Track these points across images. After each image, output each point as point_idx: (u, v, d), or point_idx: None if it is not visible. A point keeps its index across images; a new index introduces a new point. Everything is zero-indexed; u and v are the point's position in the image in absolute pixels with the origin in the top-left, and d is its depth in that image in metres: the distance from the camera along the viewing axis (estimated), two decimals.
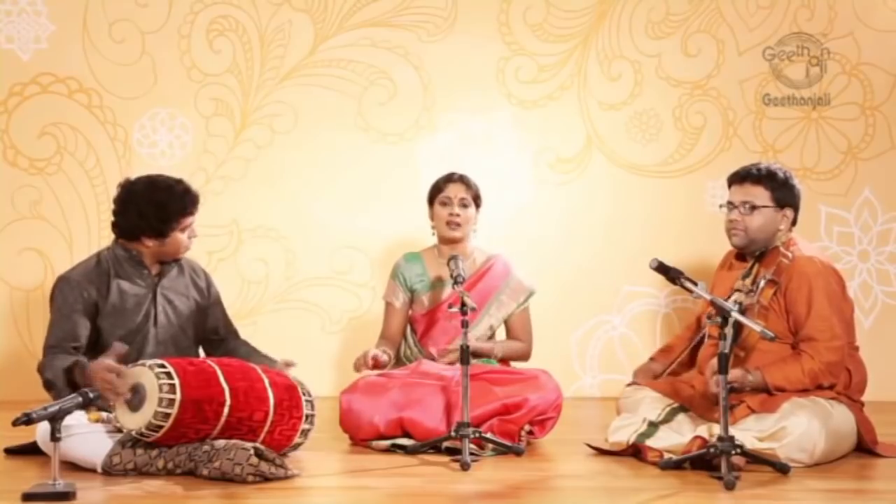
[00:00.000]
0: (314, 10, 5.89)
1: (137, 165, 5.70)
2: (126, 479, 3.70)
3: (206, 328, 4.40)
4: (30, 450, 4.11)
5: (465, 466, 3.87)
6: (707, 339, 4.26)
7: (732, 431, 3.70)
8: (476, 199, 4.71)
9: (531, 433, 4.34)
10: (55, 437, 3.45)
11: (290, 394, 3.99)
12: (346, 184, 5.90)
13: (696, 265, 4.94)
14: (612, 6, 5.94)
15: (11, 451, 4.20)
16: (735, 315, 3.78)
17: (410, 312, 4.78)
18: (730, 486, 3.55)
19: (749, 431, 3.87)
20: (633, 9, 5.94)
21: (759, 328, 3.77)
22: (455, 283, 4.33)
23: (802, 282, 4.07)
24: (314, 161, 5.90)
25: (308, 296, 5.90)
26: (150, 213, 4.11)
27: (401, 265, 4.79)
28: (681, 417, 4.14)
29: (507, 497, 3.62)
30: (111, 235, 4.31)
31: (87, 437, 3.81)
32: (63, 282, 4.15)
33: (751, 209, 4.15)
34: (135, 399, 3.72)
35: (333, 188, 5.90)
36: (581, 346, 5.94)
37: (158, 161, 5.75)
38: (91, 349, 4.10)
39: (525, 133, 5.95)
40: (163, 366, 3.73)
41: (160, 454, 3.75)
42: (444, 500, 3.55)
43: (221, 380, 3.80)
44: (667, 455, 3.93)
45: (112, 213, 4.22)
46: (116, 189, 4.22)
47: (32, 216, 5.80)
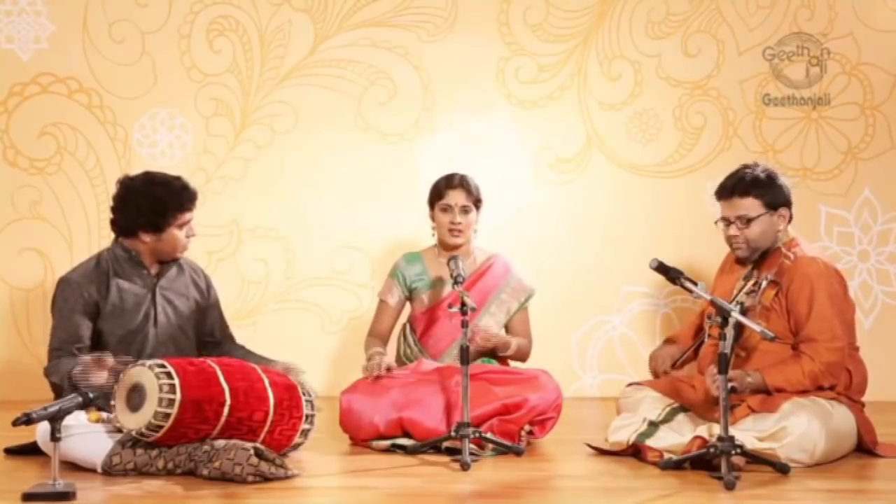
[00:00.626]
0: (314, 10, 5.89)
1: (137, 165, 5.67)
2: (126, 479, 3.70)
3: (204, 330, 4.41)
4: (30, 450, 4.11)
5: (465, 466, 3.87)
6: (707, 340, 4.25)
7: (732, 431, 3.70)
8: (477, 203, 4.68)
9: (531, 433, 4.34)
10: (55, 437, 3.45)
11: (290, 394, 3.99)
12: (346, 184, 5.90)
13: (696, 265, 4.95)
14: (612, 6, 5.94)
15: (11, 451, 4.20)
16: (735, 315, 3.77)
17: (411, 311, 4.78)
18: (730, 486, 3.55)
19: (749, 431, 3.86)
20: (633, 9, 5.94)
21: (759, 328, 3.76)
22: (455, 283, 4.33)
23: (804, 282, 4.06)
24: (314, 161, 5.90)
25: (308, 296, 5.90)
26: (147, 208, 4.12)
27: (401, 265, 4.79)
28: (681, 417, 4.14)
29: (507, 497, 3.62)
30: (111, 235, 4.32)
31: (87, 437, 3.81)
32: (64, 283, 4.16)
33: (747, 222, 4.13)
34: (135, 399, 3.72)
35: (333, 188, 5.90)
36: (581, 346, 5.94)
37: (158, 161, 5.74)
38: (93, 350, 4.10)
39: (525, 133, 5.95)
40: (163, 366, 3.74)
41: (160, 454, 3.75)
42: (444, 500, 3.55)
43: (221, 380, 3.80)
44: (667, 455, 3.93)
45: (111, 211, 4.23)
46: (115, 186, 4.23)
47: (32, 216, 5.80)
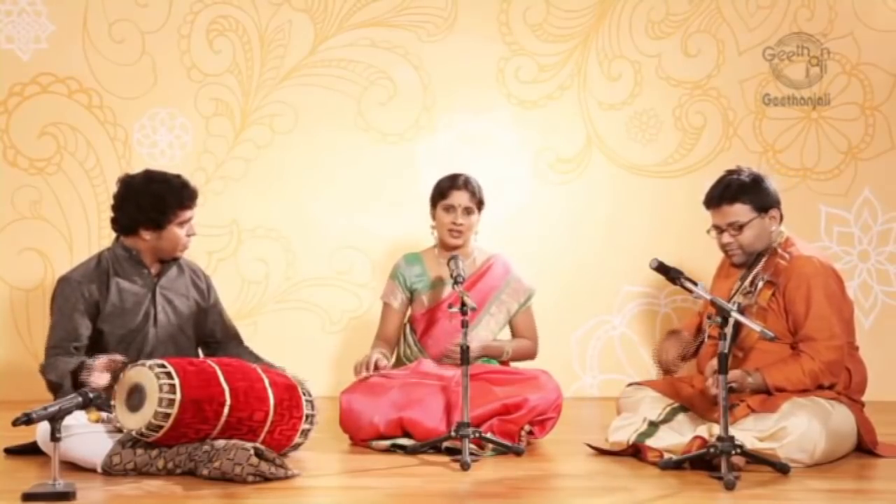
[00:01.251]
0: (314, 10, 5.89)
1: (137, 165, 5.66)
2: (126, 479, 3.70)
3: (204, 331, 4.40)
4: (30, 450, 4.11)
5: (465, 466, 3.87)
6: (707, 340, 4.25)
7: (732, 431, 3.70)
8: (479, 205, 4.68)
9: (531, 433, 4.34)
10: (55, 437, 3.45)
11: (290, 394, 3.99)
12: (346, 184, 5.90)
13: (696, 265, 4.94)
14: (612, 6, 5.94)
15: (11, 451, 4.20)
16: (735, 315, 3.77)
17: (410, 312, 4.77)
18: (730, 486, 3.55)
19: (749, 431, 3.86)
20: (633, 9, 5.94)
21: (759, 328, 3.76)
22: (455, 283, 4.33)
23: (801, 281, 4.06)
24: (314, 161, 5.90)
25: (308, 296, 5.90)
26: (148, 205, 4.12)
27: (401, 266, 4.78)
28: (681, 417, 4.14)
29: (507, 497, 3.62)
30: (111, 235, 4.32)
31: (87, 437, 3.81)
32: (64, 282, 4.16)
33: (739, 228, 4.14)
34: (135, 399, 3.72)
35: (333, 188, 5.90)
36: (581, 346, 5.94)
37: (158, 161, 5.74)
38: (92, 350, 4.11)
39: (525, 133, 5.95)
40: (163, 366, 3.73)
41: (160, 454, 3.75)
42: (444, 500, 3.55)
43: (221, 380, 3.80)
44: (667, 455, 3.93)
45: (111, 209, 4.24)
46: (116, 185, 4.23)
47: (32, 216, 5.80)
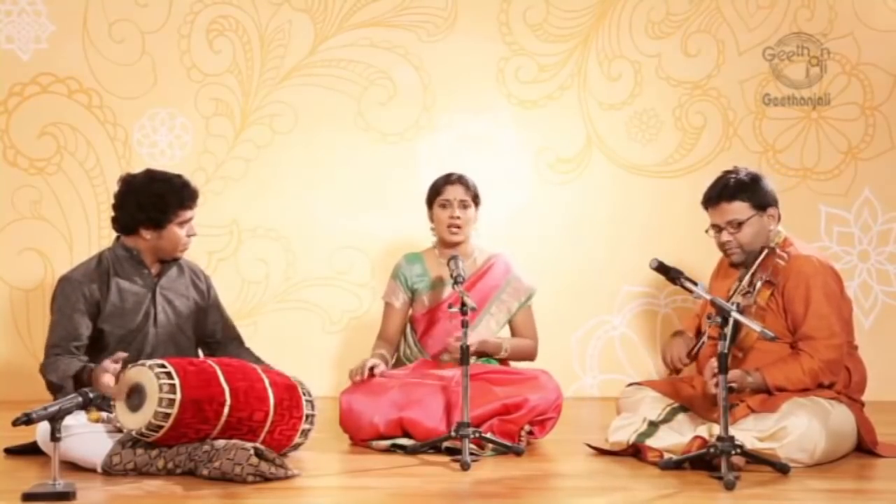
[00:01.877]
0: (314, 10, 5.89)
1: (137, 165, 5.65)
2: (126, 479, 3.70)
3: (205, 331, 4.41)
4: (30, 450, 4.11)
5: (465, 466, 3.87)
6: (707, 340, 4.25)
7: (732, 431, 3.69)
8: (475, 199, 4.69)
9: (531, 433, 4.34)
10: (55, 437, 3.45)
11: (291, 394, 3.99)
12: (346, 184, 5.90)
13: (696, 265, 4.93)
14: (612, 6, 5.94)
15: (11, 451, 4.20)
16: (735, 315, 3.77)
17: (411, 312, 4.77)
18: (730, 486, 3.55)
19: (749, 431, 3.86)
20: (633, 9, 5.94)
21: (759, 328, 3.76)
22: (455, 283, 4.33)
23: (800, 281, 4.06)
24: (314, 161, 5.90)
25: (308, 296, 5.90)
26: (149, 204, 4.12)
27: (401, 265, 4.78)
28: (681, 417, 4.14)
29: (507, 497, 3.61)
30: (111, 235, 4.32)
31: (87, 437, 3.81)
32: (65, 282, 4.16)
33: (738, 226, 4.14)
34: (135, 399, 3.72)
35: (333, 188, 5.90)
36: (581, 346, 5.94)
37: (158, 161, 5.74)
38: (92, 349, 4.11)
39: (525, 133, 5.96)
40: (163, 366, 3.73)
41: (160, 454, 3.75)
42: (444, 500, 3.55)
43: (221, 380, 3.80)
44: (667, 455, 3.93)
45: (112, 208, 4.24)
46: (117, 184, 4.23)
47: (32, 216, 5.80)
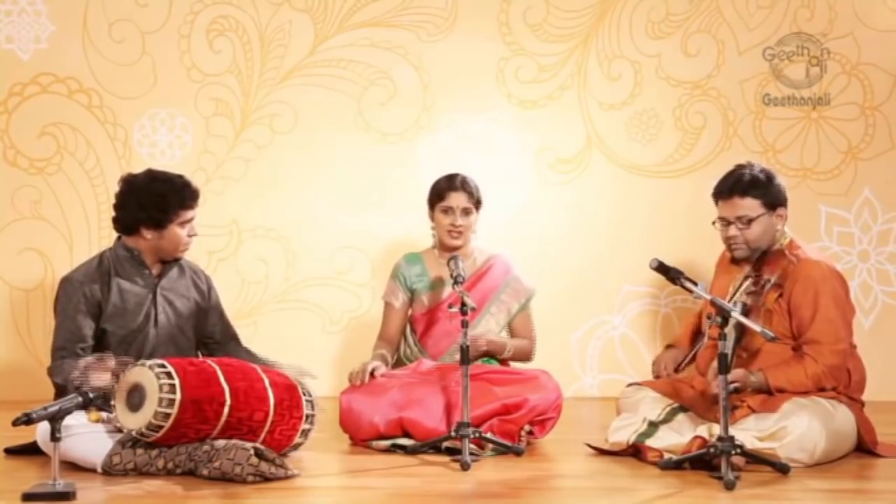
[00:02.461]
0: (314, 10, 5.89)
1: (137, 165, 5.65)
2: (126, 479, 3.70)
3: (204, 332, 4.40)
4: (30, 450, 4.11)
5: (465, 466, 3.87)
6: (707, 340, 4.25)
7: (732, 431, 3.69)
8: (477, 205, 4.68)
9: (531, 433, 4.34)
10: (55, 437, 3.45)
11: (291, 394, 3.99)
12: (346, 184, 5.90)
13: (697, 265, 4.94)
14: (612, 6, 5.94)
15: (11, 451, 4.20)
16: (735, 315, 3.77)
17: (411, 312, 4.77)
18: (730, 486, 3.55)
19: (749, 431, 3.86)
20: (633, 9, 5.94)
21: (759, 328, 3.76)
22: (455, 284, 4.33)
23: (808, 285, 4.05)
24: (314, 161, 5.90)
25: (308, 296, 5.90)
26: (150, 204, 4.12)
27: (401, 265, 4.78)
28: (681, 417, 4.14)
29: (507, 497, 3.62)
30: (111, 235, 4.32)
31: (87, 437, 3.81)
32: (66, 283, 4.16)
33: (747, 222, 4.10)
34: (135, 399, 3.72)
35: (333, 188, 5.90)
36: (581, 346, 5.94)
37: (158, 161, 5.74)
38: (95, 350, 4.10)
39: (525, 133, 5.95)
40: (163, 366, 3.74)
41: (160, 454, 3.75)
42: (444, 500, 3.55)
43: (221, 380, 3.80)
44: (667, 455, 3.93)
45: (113, 208, 4.24)
46: (118, 184, 4.23)
47: (32, 216, 5.80)
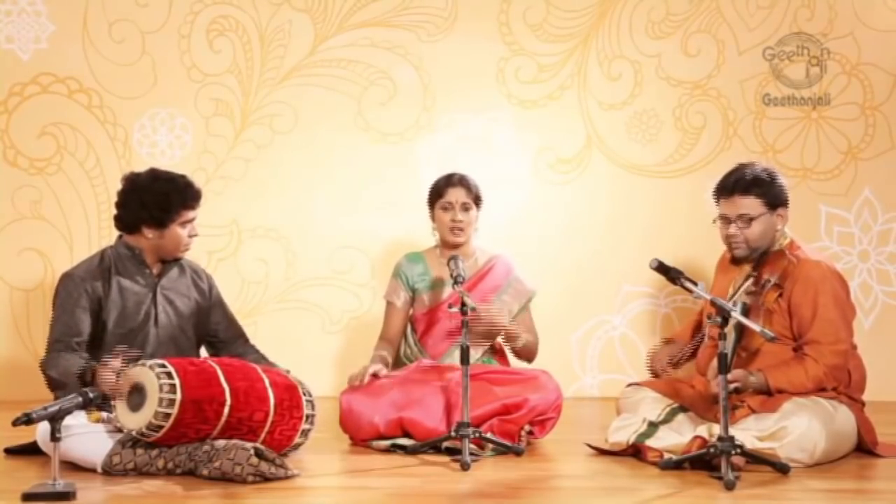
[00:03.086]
0: (314, 10, 5.89)
1: (137, 165, 5.64)
2: (126, 479, 3.70)
3: (207, 330, 4.40)
4: (30, 450, 4.12)
5: (465, 466, 3.87)
6: (707, 340, 4.25)
7: (732, 431, 3.69)
8: (477, 201, 4.70)
9: (531, 433, 4.34)
10: (55, 437, 3.46)
11: (291, 394, 3.99)
12: (346, 184, 5.90)
13: (696, 265, 4.94)
14: (612, 6, 5.94)
15: (11, 451, 4.20)
16: (735, 315, 3.77)
17: (411, 312, 4.78)
18: (730, 486, 3.55)
19: (749, 431, 3.86)
20: (633, 9, 5.94)
21: (759, 328, 3.76)
22: (455, 284, 4.33)
23: (808, 286, 4.05)
24: (314, 161, 5.90)
25: (308, 296, 5.90)
26: (152, 203, 4.12)
27: (403, 264, 4.79)
28: (681, 417, 4.14)
29: (507, 497, 3.62)
30: (111, 235, 4.32)
31: (87, 437, 3.81)
32: (67, 278, 4.16)
33: (748, 221, 4.10)
34: (135, 399, 3.72)
35: (333, 188, 5.90)
36: (581, 346, 5.94)
37: (158, 161, 5.74)
38: (93, 348, 4.10)
39: (525, 133, 5.95)
40: (163, 366, 3.74)
41: (160, 454, 3.75)
42: (444, 500, 3.55)
43: (222, 380, 3.80)
44: (667, 455, 3.93)
45: (115, 206, 4.23)
46: (121, 182, 4.23)
47: (32, 216, 5.80)
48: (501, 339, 4.66)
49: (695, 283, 3.92)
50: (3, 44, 5.80)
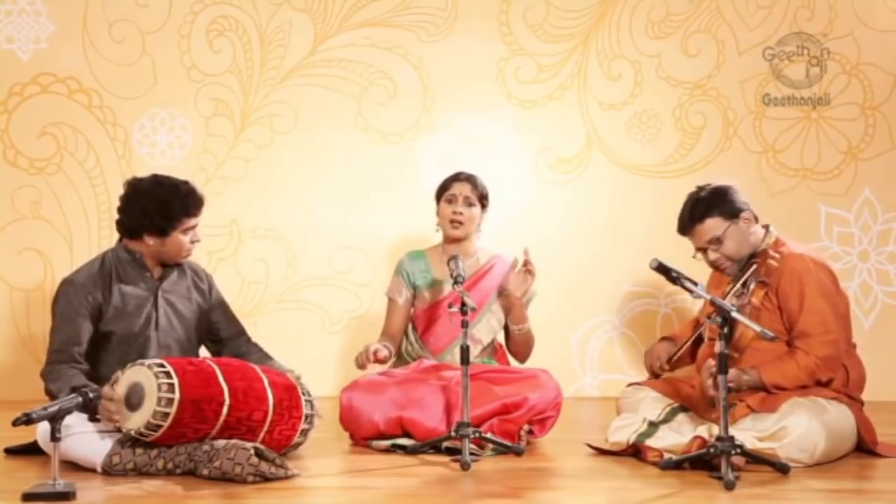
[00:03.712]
0: (314, 10, 5.89)
1: (137, 166, 5.70)
2: (126, 479, 3.70)
3: (208, 329, 4.40)
4: (30, 450, 4.11)
5: (465, 466, 3.87)
6: (706, 341, 4.25)
7: (732, 431, 3.70)
8: (482, 200, 4.71)
9: (531, 433, 4.34)
10: (55, 437, 3.45)
11: (290, 394, 3.99)
12: (346, 184, 5.90)
13: (696, 266, 4.93)
14: (612, 6, 5.94)
15: (11, 451, 4.20)
16: (735, 315, 3.77)
17: (412, 310, 4.78)
18: (730, 486, 3.55)
19: (749, 431, 3.87)
20: (633, 9, 5.94)
21: (759, 328, 3.76)
22: (455, 283, 4.33)
23: (793, 278, 4.07)
24: (314, 161, 5.90)
25: (308, 296, 5.90)
26: (154, 210, 4.11)
27: (404, 262, 4.79)
28: (681, 417, 4.15)
29: (507, 497, 3.61)
30: (111, 236, 4.32)
31: (87, 437, 3.81)
32: (67, 285, 4.12)
33: (718, 242, 4.18)
34: (133, 398, 3.72)
35: (333, 188, 5.90)
36: (581, 346, 5.94)
37: (158, 161, 5.75)
38: (94, 352, 4.09)
39: (525, 133, 5.95)
40: (162, 365, 3.73)
41: (160, 454, 3.75)
42: (444, 500, 3.55)
43: (220, 379, 3.80)
44: (667, 455, 3.93)
45: (117, 211, 4.22)
46: (123, 187, 4.22)
47: (32, 216, 5.80)
48: (510, 320, 4.67)
49: (695, 283, 3.92)
50: (3, 44, 5.80)
